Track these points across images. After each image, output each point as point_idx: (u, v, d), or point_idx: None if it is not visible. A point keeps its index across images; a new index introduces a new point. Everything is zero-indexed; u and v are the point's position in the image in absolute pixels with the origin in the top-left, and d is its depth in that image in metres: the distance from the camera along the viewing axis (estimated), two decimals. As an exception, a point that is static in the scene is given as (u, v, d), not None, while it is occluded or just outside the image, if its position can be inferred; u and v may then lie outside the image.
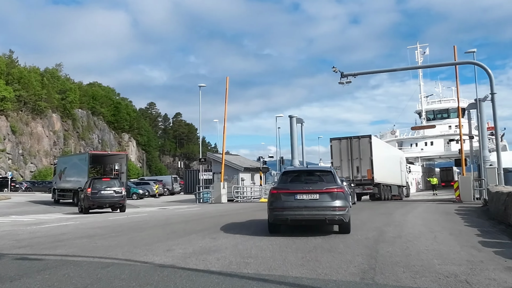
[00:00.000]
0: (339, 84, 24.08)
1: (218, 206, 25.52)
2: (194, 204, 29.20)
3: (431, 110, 69.49)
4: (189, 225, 14.23)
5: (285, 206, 10.93)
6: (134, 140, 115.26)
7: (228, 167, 33.66)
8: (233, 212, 19.89)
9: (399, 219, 15.01)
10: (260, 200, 30.83)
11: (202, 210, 22.37)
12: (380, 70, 25.59)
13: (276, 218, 11.15)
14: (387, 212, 17.91)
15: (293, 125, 39.91)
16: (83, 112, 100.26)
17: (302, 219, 10.98)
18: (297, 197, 10.92)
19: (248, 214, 18.31)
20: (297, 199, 10.90)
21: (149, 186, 42.03)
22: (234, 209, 22.25)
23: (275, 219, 11.19)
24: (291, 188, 11.25)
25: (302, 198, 10.89)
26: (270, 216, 11.32)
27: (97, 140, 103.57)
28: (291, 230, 12.12)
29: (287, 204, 10.92)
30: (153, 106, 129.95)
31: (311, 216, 10.86)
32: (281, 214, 10.98)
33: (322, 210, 10.78)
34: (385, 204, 23.73)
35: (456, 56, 24.55)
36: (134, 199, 38.39)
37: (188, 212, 20.94)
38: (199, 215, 18.73)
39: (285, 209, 10.91)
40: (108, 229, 13.57)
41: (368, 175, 28.88)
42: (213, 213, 19.82)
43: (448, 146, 67.03)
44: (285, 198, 11.02)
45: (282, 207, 10.97)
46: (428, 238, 10.55)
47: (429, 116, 70.07)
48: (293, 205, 10.87)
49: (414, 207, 20.83)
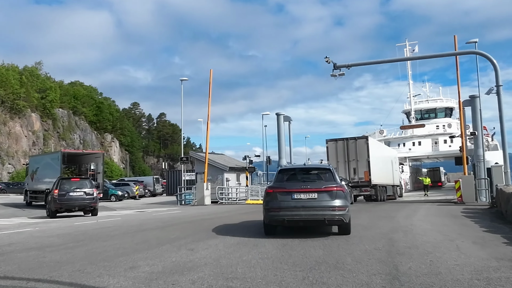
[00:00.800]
0: (331, 76, 22.31)
1: (200, 209, 23.46)
2: (175, 207, 27.05)
3: (419, 110, 68.32)
4: (165, 232, 12.18)
5: (281, 206, 10.24)
6: (117, 141, 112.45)
7: (212, 167, 31.59)
8: (216, 216, 17.89)
9: (404, 224, 13.16)
10: (246, 202, 28.86)
11: (183, 213, 20.30)
12: (376, 61, 23.84)
13: (272, 219, 10.45)
14: (388, 215, 16.08)
15: (280, 123, 38.05)
16: (64, 112, 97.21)
17: (300, 219, 10.29)
18: (294, 197, 10.24)
19: (233, 218, 16.33)
20: (294, 199, 10.23)
21: (129, 188, 39.71)
22: (217, 212, 20.24)
23: (271, 220, 10.50)
24: (287, 187, 10.53)
25: (300, 198, 10.21)
26: (265, 217, 10.63)
27: (79, 141, 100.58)
28: (286, 233, 10.28)
29: (284, 204, 10.23)
30: (137, 106, 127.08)
31: (309, 216, 10.18)
32: (278, 214, 10.28)
33: (321, 210, 10.11)
34: (382, 206, 21.94)
35: (457, 46, 22.87)
36: (113, 201, 36.13)
37: (166, 215, 18.86)
38: (178, 219, 16.68)
39: (282, 209, 10.22)
40: (67, 238, 11.46)
41: (365, 176, 28.34)
42: (194, 216, 17.79)
43: (435, 146, 65.98)
44: (281, 197, 10.33)
45: (278, 207, 10.26)
46: (450, 248, 8.69)
47: (416, 116, 68.87)
48: (290, 205, 10.19)
49: (414, 210, 19.05)
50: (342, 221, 10.30)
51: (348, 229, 10.71)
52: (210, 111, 27.93)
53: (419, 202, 26.66)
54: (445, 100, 70.43)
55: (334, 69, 21.85)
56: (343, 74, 22.21)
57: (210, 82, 28.00)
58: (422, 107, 68.05)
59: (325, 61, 20.96)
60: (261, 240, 9.94)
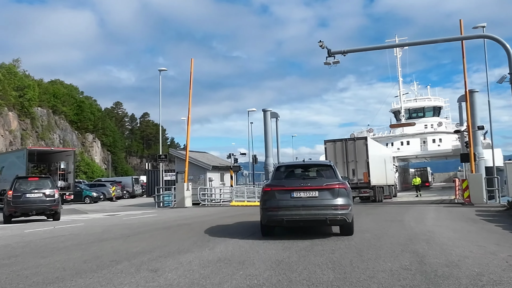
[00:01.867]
0: (324, 64, 20.00)
1: (179, 212, 20.92)
2: (152, 209, 24.45)
3: (407, 109, 66.62)
4: (128, 244, 9.70)
5: (280, 205, 9.53)
6: (98, 141, 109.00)
7: (194, 166, 29.08)
8: (195, 220, 15.42)
9: (420, 230, 10.86)
10: (230, 204, 26.36)
11: (158, 217, 17.76)
12: (374, 47, 21.46)
13: (270, 219, 9.68)
14: (394, 219, 13.80)
15: (267, 120, 35.75)
16: (43, 111, 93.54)
17: (300, 219, 9.53)
18: (293, 195, 9.54)
19: (214, 223, 13.91)
20: (294, 197, 9.52)
21: (105, 189, 36.86)
22: (197, 216, 17.77)
23: (269, 220, 9.72)
24: (286, 184, 9.80)
25: (300, 196, 9.51)
26: (263, 217, 9.84)
27: (59, 140, 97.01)
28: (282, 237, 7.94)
29: (283, 203, 9.53)
30: (120, 105, 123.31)
31: (310, 216, 9.44)
32: (276, 214, 9.54)
33: (323, 209, 9.39)
34: (383, 208, 19.66)
35: (462, 31, 20.68)
36: (87, 203, 33.40)
37: (138, 220, 16.32)
38: (150, 225, 14.17)
39: (280, 208, 9.50)
40: (0, 252, 8.92)
41: (364, 178, 27.50)
42: (170, 221, 15.30)
43: (424, 146, 64.34)
44: (280, 196, 9.60)
45: (276, 206, 9.54)
46: (501, 266, 6.44)
47: (405, 115, 67.26)
48: (289, 204, 9.48)
49: (421, 212, 16.82)
50: (345, 220, 9.53)
51: (351, 229, 9.94)
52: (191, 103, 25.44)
53: (418, 203, 24.45)
54: (433, 99, 68.97)
55: (328, 56, 19.54)
56: (338, 62, 19.93)
57: (191, 73, 25.53)
58: (410, 106, 66.39)
59: (319, 46, 18.66)
60: (250, 255, 7.58)
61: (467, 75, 23.12)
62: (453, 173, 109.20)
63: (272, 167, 37.94)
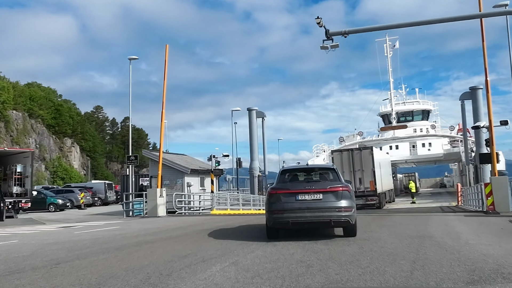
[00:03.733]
0: (321, 49, 16.78)
1: (148, 223, 17.31)
2: (118, 220, 20.72)
3: (395, 112, 64.08)
4: (43, 281, 6.18)
5: (285, 208, 9.63)
6: (77, 146, 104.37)
7: (170, 169, 25.51)
8: (163, 236, 11.93)
9: (472, 253, 7.53)
10: (211, 212, 22.76)
11: (119, 231, 14.15)
12: (381, 27, 18.11)
13: (276, 221, 9.80)
14: (420, 234, 10.48)
15: (253, 119, 32.46)
16: (18, 114, 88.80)
17: (305, 221, 9.67)
18: (298, 198, 9.66)
19: (186, 241, 10.47)
20: (299, 200, 9.65)
21: (73, 195, 32.91)
22: (168, 229, 14.25)
23: (274, 222, 9.84)
24: (291, 188, 9.98)
25: (304, 199, 9.64)
26: (268, 219, 9.96)
27: (35, 145, 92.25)
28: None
29: (288, 206, 9.63)
30: (100, 110, 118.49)
31: (314, 218, 9.57)
32: (281, 217, 9.66)
33: (327, 211, 9.51)
34: (393, 218, 16.28)
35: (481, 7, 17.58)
36: (51, 211, 29.53)
37: (91, 236, 12.69)
38: (100, 244, 10.60)
39: (286, 211, 9.61)
40: None
41: (371, 186, 28.53)
42: (129, 238, 11.74)
43: (414, 150, 61.72)
44: (285, 199, 9.73)
45: (282, 209, 9.64)
46: None
47: (390, 120, 64.64)
48: (294, 207, 9.60)
49: (445, 224, 13.54)
50: (349, 222, 9.74)
51: (354, 230, 10.14)
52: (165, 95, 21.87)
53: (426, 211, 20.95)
54: (422, 102, 66.57)
55: (327, 38, 16.29)
56: (337, 46, 16.71)
57: (166, 60, 21.97)
58: (399, 110, 63.77)
59: (316, 23, 15.38)
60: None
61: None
62: (439, 178, 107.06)
63: (258, 171, 34.91)
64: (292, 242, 9.33)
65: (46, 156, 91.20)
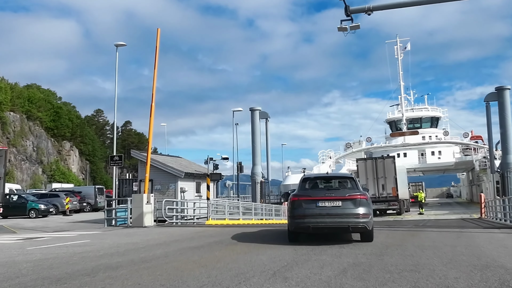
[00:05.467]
0: (339, 30, 13.83)
1: (128, 236, 14.22)
2: (97, 229, 17.58)
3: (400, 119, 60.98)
4: None
5: (306, 213, 10.17)
6: (76, 149, 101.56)
7: (162, 172, 22.51)
8: (134, 258, 8.88)
9: None
10: (206, 222, 19.58)
11: (83, 247, 11.03)
12: (411, 2, 15.10)
13: (297, 226, 10.34)
14: (486, 262, 7.41)
15: (255, 120, 29.44)
16: (16, 116, 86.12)
17: (325, 226, 10.12)
18: (318, 204, 10.14)
19: (163, 268, 7.43)
20: (319, 206, 10.13)
21: (58, 200, 29.85)
22: (147, 245, 11.22)
23: (296, 227, 10.39)
24: (312, 195, 10.49)
25: (324, 205, 10.12)
26: (290, 224, 10.55)
27: (32, 148, 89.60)
28: None
29: (309, 212, 10.15)
30: (101, 113, 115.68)
31: (334, 223, 10.04)
32: (303, 222, 10.17)
33: (345, 217, 9.99)
34: (428, 235, 13.10)
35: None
36: (32, 217, 26.50)
37: (42, 255, 9.59)
38: (41, 271, 7.51)
39: (307, 216, 10.13)
40: None
41: (393, 192, 30.34)
42: (88, 259, 8.67)
43: (422, 158, 58.55)
44: (306, 205, 10.24)
45: (303, 214, 10.18)
46: None
47: (399, 126, 61.53)
48: (315, 213, 10.09)
49: (500, 243, 10.49)
50: (366, 228, 10.11)
51: (371, 236, 10.49)
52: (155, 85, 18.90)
53: (457, 226, 17.49)
54: (431, 109, 63.37)
55: (347, 15, 13.37)
56: (358, 27, 13.76)
57: (157, 44, 19.07)
58: (407, 116, 60.61)
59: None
60: None
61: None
62: (445, 188, 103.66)
63: (260, 177, 31.92)
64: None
65: (43, 159, 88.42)
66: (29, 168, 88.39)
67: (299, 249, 9.55)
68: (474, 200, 60.49)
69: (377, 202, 31.50)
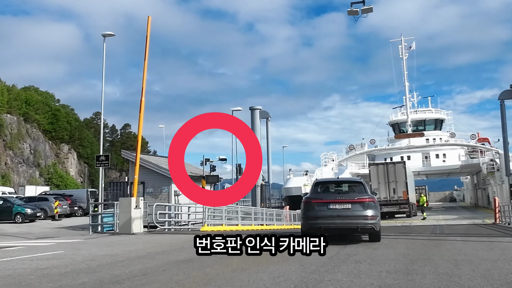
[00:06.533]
0: (349, 14, 12.19)
1: (109, 245, 12.47)
2: (80, 237, 15.83)
3: (404, 122, 59.26)
4: None
5: (318, 215, 10.79)
6: (75, 152, 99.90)
7: (154, 174, 20.82)
8: (106, 276, 7.17)
9: None
10: (201, 229, 17.78)
11: (50, 261, 9.23)
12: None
13: (310, 227, 10.84)
14: None
15: (256, 120, 27.76)
16: (13, 118, 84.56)
17: (336, 227, 10.79)
18: (330, 207, 10.77)
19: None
20: (330, 209, 10.75)
21: (48, 204, 28.10)
22: (127, 258, 9.51)
23: (309, 228, 10.87)
24: (324, 198, 11.06)
25: (335, 208, 10.74)
26: (303, 225, 11.18)
27: (29, 150, 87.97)
28: None
29: (321, 214, 10.79)
30: (99, 116, 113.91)
31: (344, 224, 10.69)
32: (315, 222, 10.77)
33: (355, 219, 10.63)
34: (452, 244, 11.29)
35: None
36: (18, 222, 24.77)
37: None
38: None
39: (319, 218, 10.75)
40: None
41: (403, 195, 31.77)
42: (44, 283, 6.91)
43: (427, 161, 56.77)
44: (318, 207, 10.85)
45: (315, 216, 10.82)
46: None
47: (402, 129, 59.83)
48: (326, 214, 10.73)
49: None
50: (374, 229, 10.74)
51: (378, 236, 11.07)
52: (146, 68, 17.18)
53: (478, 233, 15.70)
54: (434, 111, 61.65)
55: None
56: (371, 9, 12.09)
57: (148, 33, 17.38)
58: (411, 118, 58.94)
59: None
60: None
61: None
62: (448, 192, 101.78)
63: (261, 180, 30.30)
64: None
65: (41, 162, 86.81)
66: (26, 171, 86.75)
67: (307, 265, 7.86)
68: (479, 204, 58.71)
69: (389, 205, 32.94)
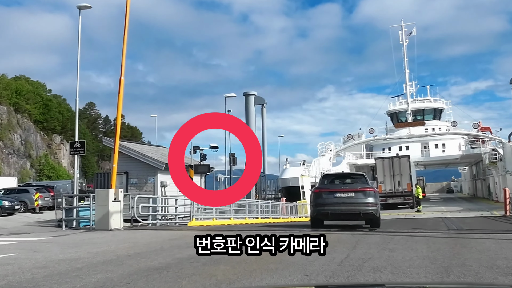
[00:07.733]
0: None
1: (76, 246, 10.60)
2: (50, 234, 13.87)
3: (403, 111, 57.55)
4: None
5: (326, 202, 12.64)
6: (67, 143, 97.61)
7: (139, 163, 18.97)
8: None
9: None
10: (189, 224, 15.86)
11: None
12: None
13: (319, 212, 12.80)
14: None
15: (250, 106, 25.84)
16: (3, 108, 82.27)
17: (341, 213, 12.61)
18: (336, 195, 12.64)
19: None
20: (336, 197, 12.61)
21: (28, 196, 26.16)
22: (92, 264, 7.66)
23: (318, 213, 12.88)
24: (330, 188, 13.08)
25: (340, 196, 12.58)
26: (313, 211, 13.23)
27: (20, 141, 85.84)
28: None
29: (328, 201, 12.63)
30: (93, 106, 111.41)
31: (348, 210, 12.46)
32: (323, 209, 12.60)
33: (357, 205, 12.45)
34: (482, 245, 9.49)
35: None
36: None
37: None
38: None
39: (326, 204, 12.58)
40: None
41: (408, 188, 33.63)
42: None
43: (425, 152, 55.13)
44: (326, 196, 12.74)
45: (323, 203, 12.64)
46: None
47: (401, 118, 58.11)
48: (333, 201, 12.58)
49: None
50: (374, 214, 12.64)
51: (378, 222, 12.91)
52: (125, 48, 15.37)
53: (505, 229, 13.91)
54: (433, 100, 59.90)
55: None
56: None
57: (127, 5, 15.48)
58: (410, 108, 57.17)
59: None
60: None
61: None
62: (446, 183, 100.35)
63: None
64: None
65: (32, 153, 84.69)
66: (16, 162, 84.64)
67: (312, 274, 6.05)
68: (478, 195, 57.26)
69: (394, 197, 34.39)
